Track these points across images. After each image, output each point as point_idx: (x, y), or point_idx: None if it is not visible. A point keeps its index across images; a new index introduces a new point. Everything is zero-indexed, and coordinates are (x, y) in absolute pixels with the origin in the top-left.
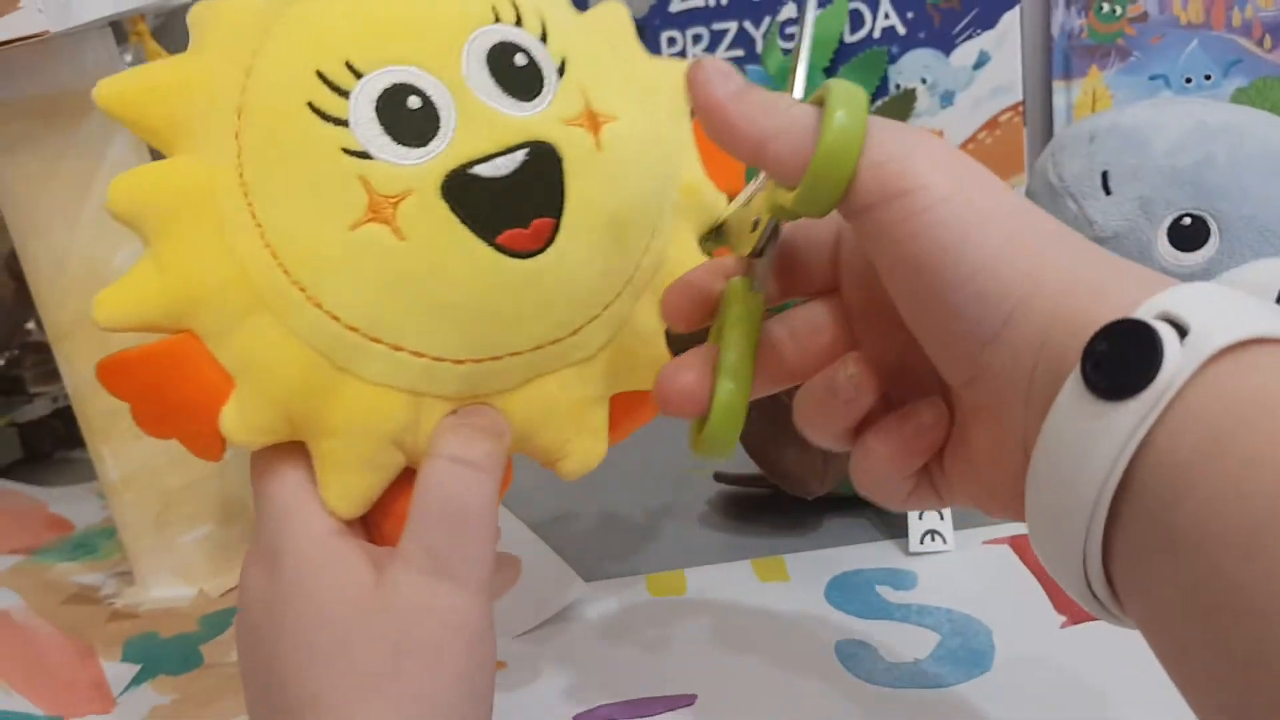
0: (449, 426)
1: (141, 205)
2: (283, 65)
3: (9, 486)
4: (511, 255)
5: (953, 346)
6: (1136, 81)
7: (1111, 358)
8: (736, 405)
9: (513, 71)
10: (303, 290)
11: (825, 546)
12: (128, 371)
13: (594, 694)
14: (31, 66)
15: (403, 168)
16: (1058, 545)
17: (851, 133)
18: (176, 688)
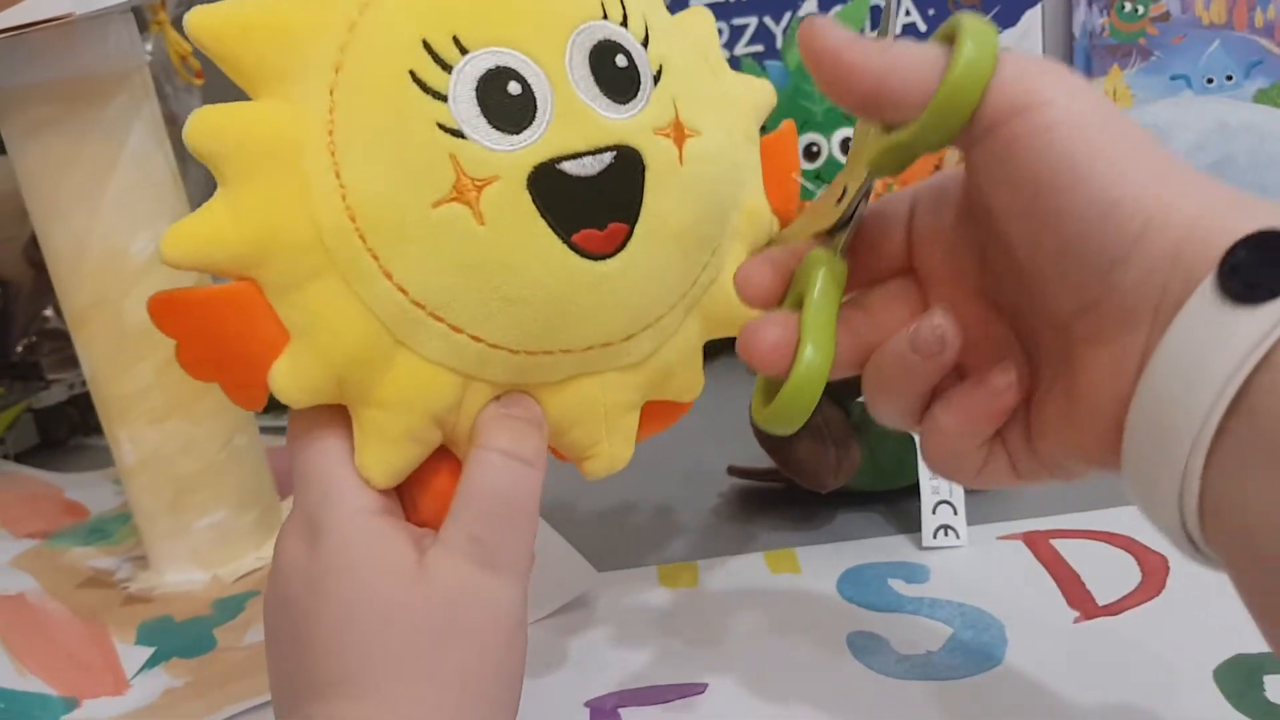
0: (498, 418)
1: (224, 145)
2: (389, 28)
3: (25, 472)
4: (583, 255)
5: (1079, 269)
6: (1158, 81)
7: (1249, 263)
8: (816, 375)
9: (613, 71)
10: (376, 259)
11: (837, 540)
12: (183, 311)
13: (605, 682)
14: (54, 50)
15: (494, 153)
16: (1157, 463)
17: (985, 50)
18: (189, 670)
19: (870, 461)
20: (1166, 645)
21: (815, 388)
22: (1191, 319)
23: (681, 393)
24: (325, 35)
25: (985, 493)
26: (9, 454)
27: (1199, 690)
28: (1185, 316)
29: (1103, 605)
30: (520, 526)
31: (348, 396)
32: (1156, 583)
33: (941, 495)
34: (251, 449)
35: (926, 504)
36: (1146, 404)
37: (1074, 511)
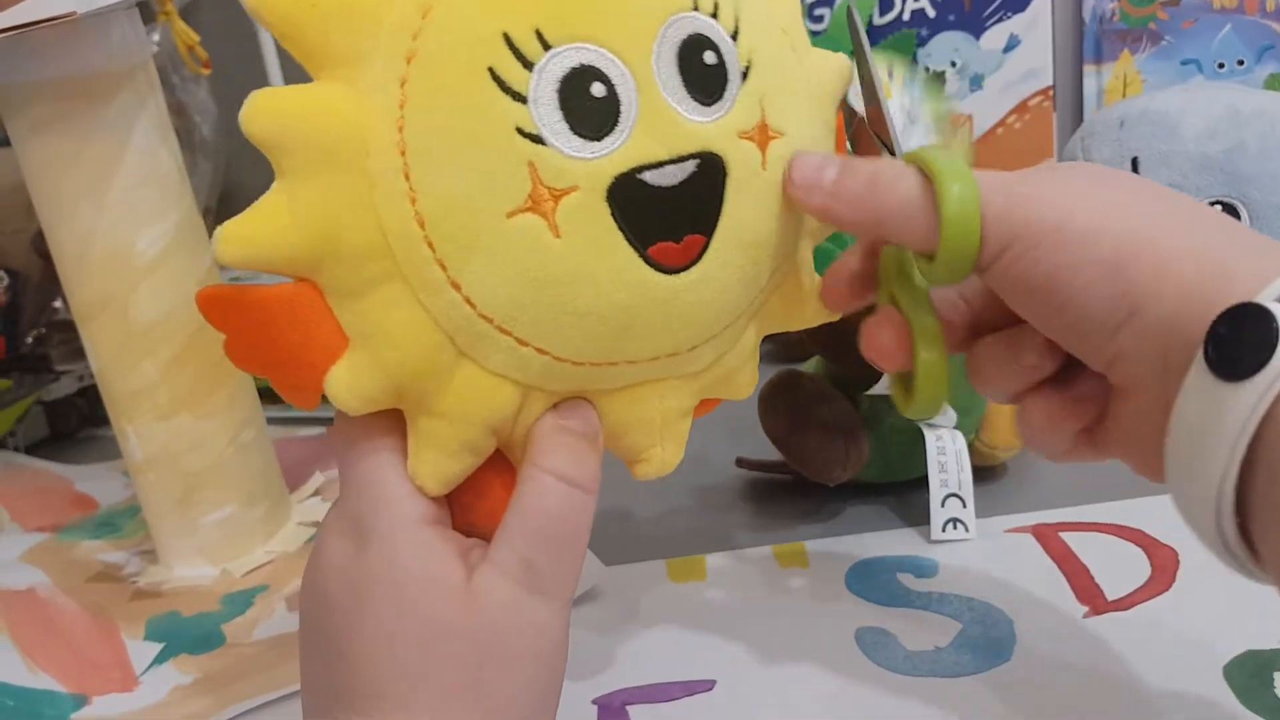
0: (554, 433)
1: (285, 135)
2: (467, 15)
3: (35, 464)
4: (657, 269)
5: (1084, 342)
6: (1168, 66)
7: (1231, 340)
8: (938, 369)
9: (701, 70)
10: (444, 269)
11: (846, 533)
12: (237, 308)
13: (613, 678)
14: (58, 48)
15: (574, 161)
16: (1194, 514)
17: (969, 213)
18: (198, 667)
19: (879, 454)
20: (1176, 641)
21: (942, 379)
22: (1192, 393)
23: (735, 392)
24: (398, 18)
25: (994, 485)
26: (19, 446)
27: (1209, 687)
28: (1187, 391)
29: (1112, 600)
30: (571, 552)
31: (406, 405)
32: (1166, 577)
33: (950, 488)
34: (259, 443)
35: (935, 497)
36: (1174, 466)
37: (1084, 504)
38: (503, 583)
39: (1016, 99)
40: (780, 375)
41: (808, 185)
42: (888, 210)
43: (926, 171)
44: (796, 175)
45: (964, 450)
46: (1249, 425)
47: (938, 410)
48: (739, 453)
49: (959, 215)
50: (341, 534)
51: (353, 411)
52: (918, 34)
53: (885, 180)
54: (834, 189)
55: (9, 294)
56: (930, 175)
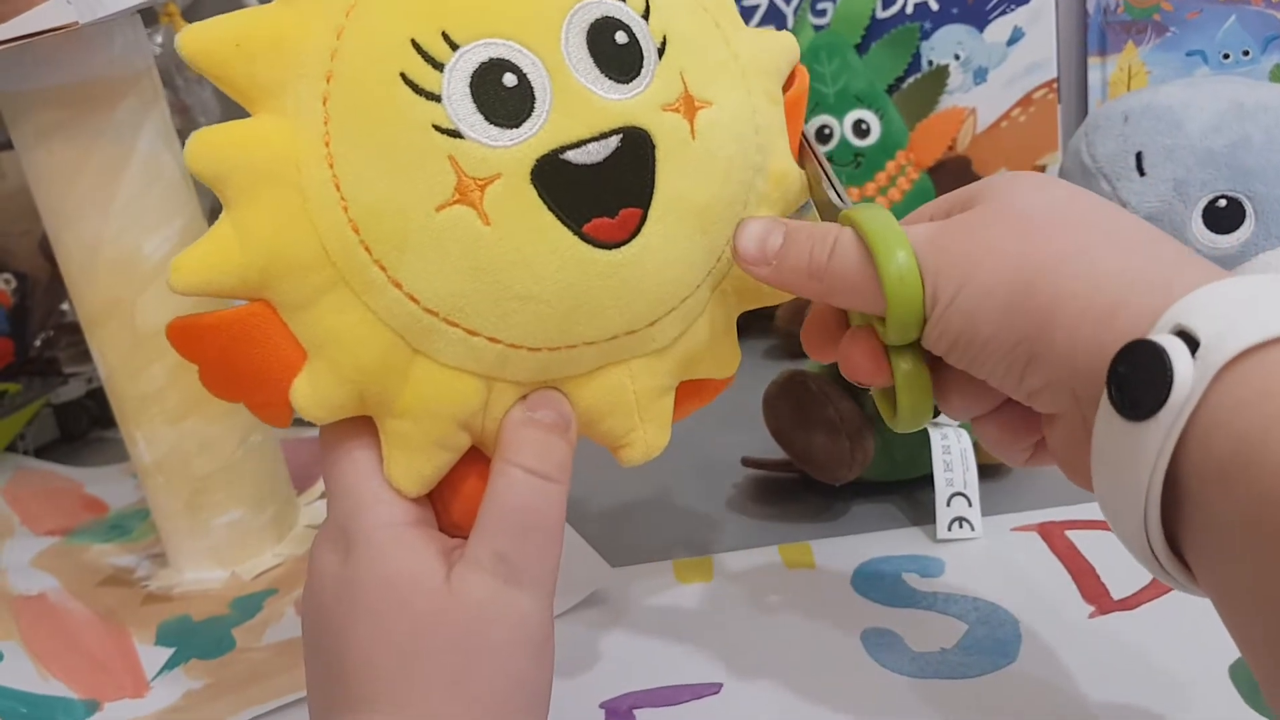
0: (522, 426)
1: (224, 167)
2: (376, 30)
3: (45, 467)
4: (597, 245)
5: (1003, 384)
6: (1173, 57)
7: (1130, 380)
8: (918, 379)
9: (613, 50)
10: (384, 270)
11: (852, 532)
12: (200, 336)
13: (621, 681)
14: (61, 56)
15: (494, 149)
16: (1125, 537)
17: (910, 281)
18: (209, 672)
19: (884, 453)
20: (1181, 641)
21: (923, 389)
22: (1104, 431)
23: (716, 370)
24: (315, 43)
25: (1000, 483)
26: (28, 449)
27: (1213, 688)
28: (1099, 428)
29: (1118, 600)
30: (545, 542)
31: (371, 409)
32: None
33: (956, 487)
34: (268, 446)
35: (941, 496)
36: (1100, 496)
37: (1089, 501)
38: (479, 577)
39: (1021, 92)
40: (785, 375)
41: (751, 259)
42: (832, 284)
43: (862, 238)
44: (741, 250)
45: (969, 449)
46: (1160, 463)
47: (925, 421)
48: (745, 452)
49: (900, 287)
50: (329, 542)
51: (318, 421)
52: (921, 27)
53: (824, 253)
54: (778, 264)
55: (17, 296)
56: (867, 244)
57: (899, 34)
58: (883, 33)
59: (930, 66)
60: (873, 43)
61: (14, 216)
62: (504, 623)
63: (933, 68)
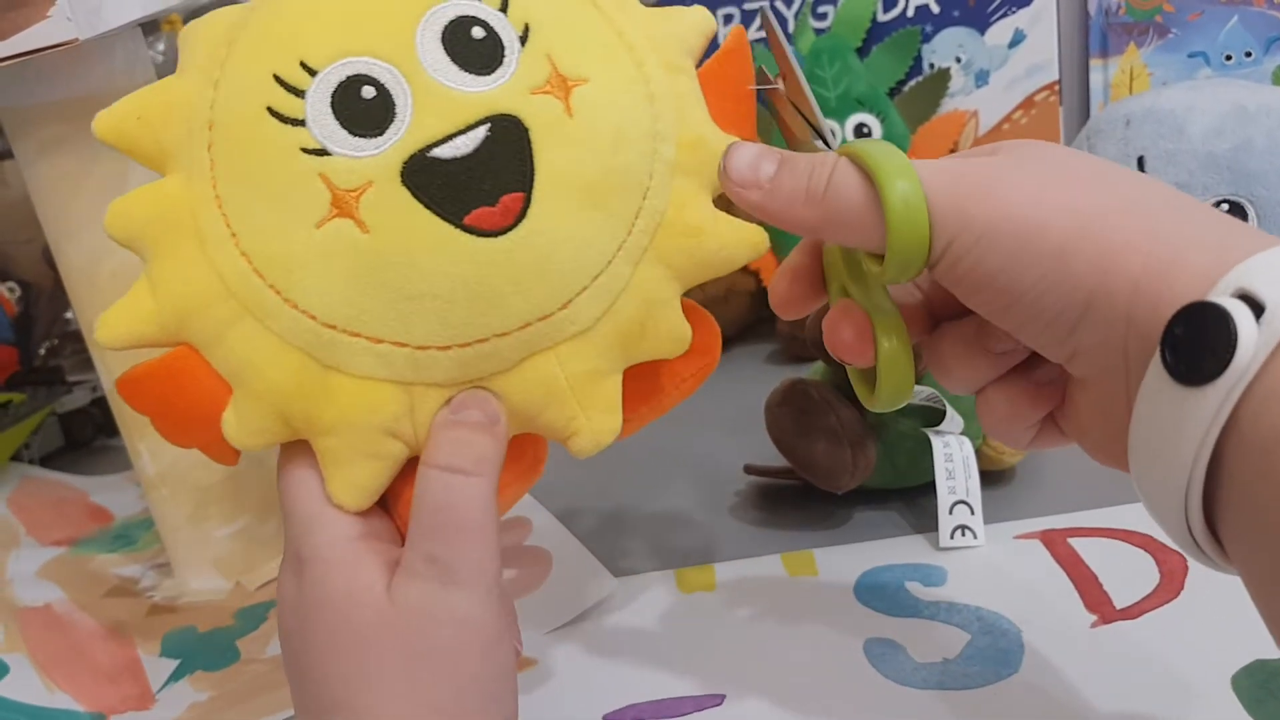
0: (440, 428)
1: (133, 228)
2: (243, 73)
3: (51, 476)
4: (481, 235)
5: (1041, 338)
6: (1175, 59)
7: (1188, 343)
8: (900, 359)
9: (470, 46)
10: (278, 292)
11: (855, 540)
12: (139, 386)
13: (624, 693)
14: (62, 70)
15: (360, 159)
16: (1160, 511)
17: (915, 211)
18: (213, 684)
19: (887, 460)
20: (1184, 651)
21: (905, 368)
22: (1151, 396)
23: (661, 348)
24: (199, 99)
25: (1002, 490)
26: (34, 458)
27: (1216, 698)
28: (1146, 393)
29: (1121, 608)
30: (471, 538)
31: (299, 430)
32: (1175, 584)
33: (958, 495)
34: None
35: (943, 504)
36: (1138, 465)
37: (1092, 508)
38: (413, 583)
39: (1022, 94)
40: (786, 384)
41: (742, 182)
42: (829, 213)
43: (866, 169)
44: (731, 170)
45: (971, 456)
46: (1212, 431)
47: (904, 401)
48: (747, 458)
49: (905, 215)
50: (287, 564)
51: (249, 449)
52: (922, 30)
53: (823, 178)
54: (770, 187)
55: (21, 305)
56: (871, 173)
57: (900, 37)
58: (884, 36)
59: (931, 69)
60: (874, 46)
61: (17, 225)
62: (447, 625)
63: (934, 71)
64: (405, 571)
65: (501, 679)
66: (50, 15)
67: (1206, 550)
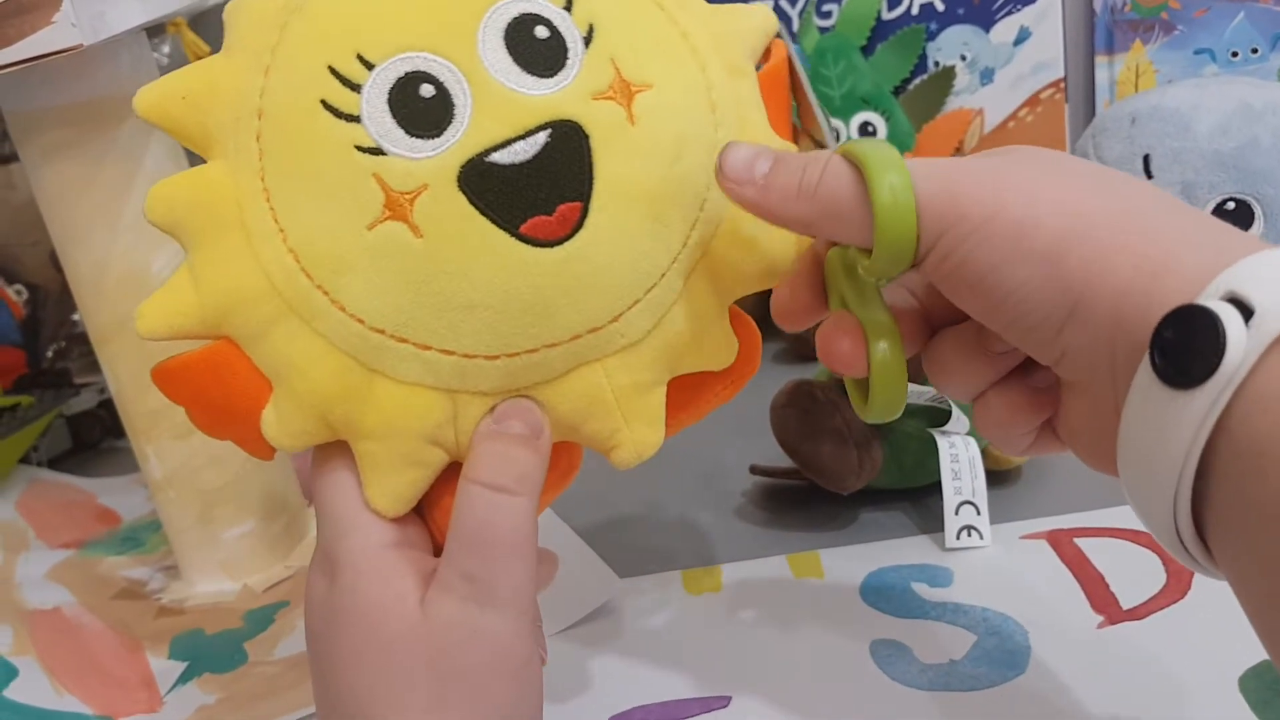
0: (483, 440)
1: (176, 215)
2: (296, 62)
3: (59, 479)
4: (537, 245)
5: (1029, 338)
6: (1181, 56)
7: (1177, 346)
8: (895, 366)
9: (533, 46)
10: (326, 294)
11: (861, 540)
12: (176, 377)
13: (630, 695)
14: (67, 75)
15: (417, 161)
16: (1149, 515)
17: (902, 203)
18: (221, 686)
19: (893, 460)
20: (1190, 652)
21: (899, 377)
22: (1140, 400)
23: (707, 361)
24: (247, 85)
25: (1008, 490)
26: (42, 460)
27: (1223, 699)
28: (1134, 397)
29: (1127, 609)
30: (510, 558)
31: (339, 432)
32: (1182, 584)
33: (964, 495)
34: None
35: (949, 505)
36: (1127, 468)
37: (1098, 508)
38: (448, 599)
39: (1028, 92)
40: (792, 385)
41: (738, 179)
42: (821, 207)
43: (857, 163)
44: (726, 168)
45: (977, 457)
46: (1201, 434)
47: (897, 412)
48: (754, 458)
49: (892, 206)
50: (318, 567)
51: (288, 449)
52: (927, 28)
53: (816, 174)
54: (765, 184)
55: (29, 308)
56: (861, 167)
57: (905, 35)
58: (888, 34)
59: (936, 67)
60: (878, 44)
61: (25, 228)
62: (477, 646)
63: (939, 69)
64: (441, 586)
65: (530, 703)
66: (55, 21)
67: (1194, 554)
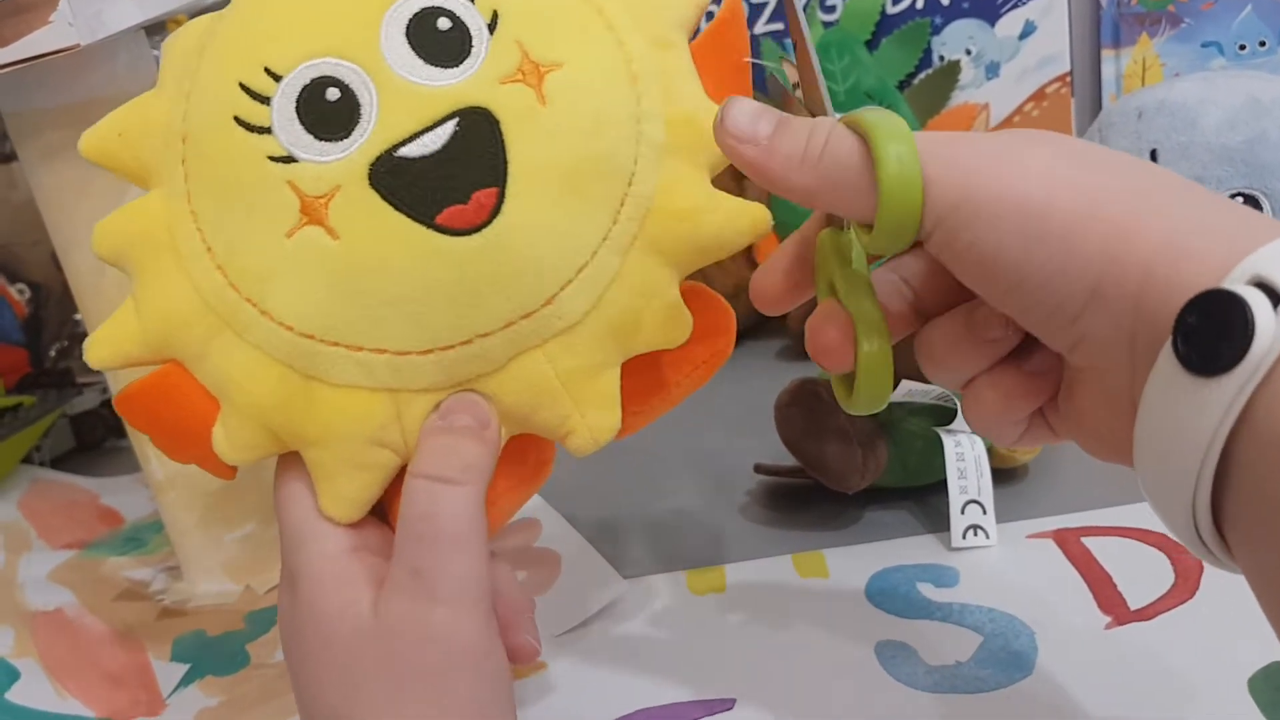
0: (427, 436)
1: (118, 247)
2: (210, 83)
3: (62, 479)
4: (454, 234)
5: (1044, 324)
6: (1188, 49)
7: (1202, 332)
8: (880, 360)
9: (435, 38)
10: (254, 305)
11: (866, 540)
12: (133, 404)
13: (634, 696)
14: (64, 75)
15: (327, 164)
16: (1166, 504)
17: (908, 175)
18: (223, 689)
19: (897, 459)
20: (1199, 653)
21: (884, 371)
22: (1161, 386)
23: (659, 339)
24: (173, 112)
25: (1015, 488)
26: (44, 460)
27: (1232, 700)
28: (1155, 383)
29: (1135, 609)
30: (455, 550)
31: (286, 442)
32: (1190, 584)
33: (970, 494)
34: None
35: (955, 504)
36: (1145, 457)
37: (1105, 506)
38: (398, 599)
39: (1034, 86)
40: (796, 384)
41: (740, 137)
42: (823, 177)
43: (862, 133)
44: (729, 124)
45: (983, 455)
46: (1225, 423)
47: (882, 404)
48: (758, 457)
49: (897, 178)
50: (283, 578)
51: (238, 463)
52: (931, 22)
53: (820, 141)
54: (768, 144)
55: (31, 306)
56: (866, 137)
57: (909, 29)
58: (893, 28)
59: (941, 62)
60: (883, 39)
61: (27, 227)
62: (431, 644)
63: (944, 63)
64: (391, 586)
65: (494, 696)
66: (52, 21)
67: (1211, 546)
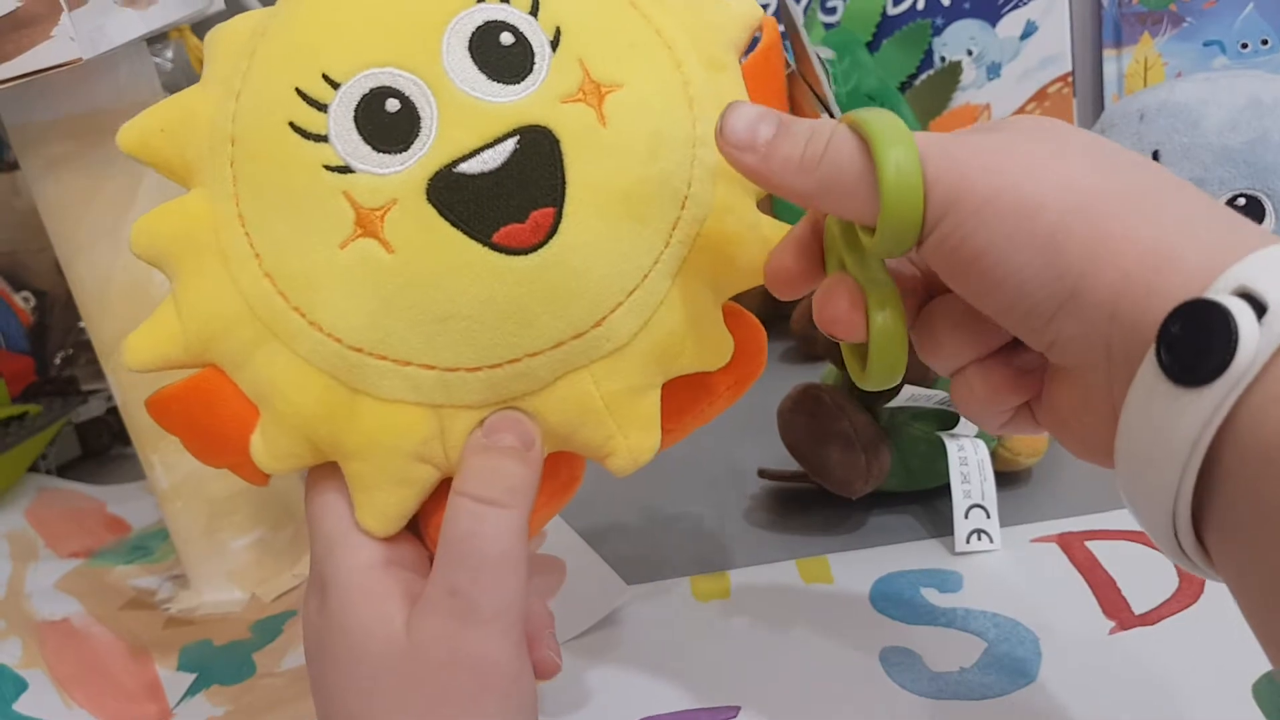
0: (471, 454)
1: (158, 246)
2: (264, 86)
3: (68, 487)
4: (510, 253)
5: (1021, 324)
6: (1190, 48)
7: (1185, 342)
8: (894, 333)
9: (498, 53)
10: (302, 314)
11: (870, 544)
12: (167, 407)
13: (638, 705)
14: (67, 88)
15: (385, 176)
16: (1146, 512)
17: (910, 181)
18: (230, 698)
19: (901, 463)
20: (1203, 658)
21: (899, 343)
22: (1143, 394)
23: (702, 361)
24: (221, 112)
25: (1018, 491)
26: (51, 468)
27: (1236, 706)
28: (1137, 391)
29: (1139, 614)
30: (496, 573)
31: (327, 454)
32: (1194, 589)
33: (973, 499)
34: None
35: (959, 509)
36: (1125, 464)
37: (1109, 510)
38: (433, 618)
39: (1035, 86)
40: (799, 389)
41: (739, 144)
42: (824, 181)
43: (863, 136)
44: (728, 131)
45: (987, 460)
46: (1206, 434)
47: (896, 379)
48: (762, 462)
49: (899, 184)
50: (311, 586)
51: (276, 472)
52: (932, 23)
53: (820, 146)
54: (767, 151)
55: (36, 314)
56: (868, 140)
57: (910, 30)
58: (894, 30)
59: (943, 63)
60: (884, 40)
61: (31, 234)
62: (464, 665)
63: (945, 64)
64: (426, 604)
65: (523, 717)
66: (54, 35)
67: (1191, 556)
